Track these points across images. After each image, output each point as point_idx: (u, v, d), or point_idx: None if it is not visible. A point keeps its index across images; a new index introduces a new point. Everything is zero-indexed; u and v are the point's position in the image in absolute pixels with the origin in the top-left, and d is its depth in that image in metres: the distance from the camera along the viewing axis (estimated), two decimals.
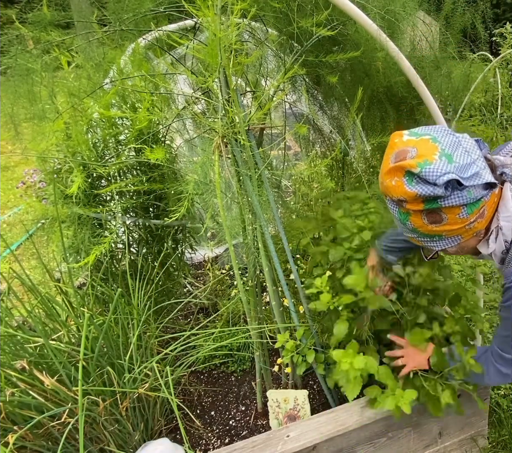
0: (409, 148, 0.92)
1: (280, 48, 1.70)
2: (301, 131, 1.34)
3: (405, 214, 0.96)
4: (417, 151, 0.90)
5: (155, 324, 1.63)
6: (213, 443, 1.60)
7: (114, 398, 1.35)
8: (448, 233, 0.96)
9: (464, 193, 0.89)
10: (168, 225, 1.83)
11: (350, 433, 1.35)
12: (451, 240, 0.98)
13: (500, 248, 1.01)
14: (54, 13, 1.44)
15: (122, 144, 1.65)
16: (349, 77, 1.81)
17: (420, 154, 0.89)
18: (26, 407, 1.29)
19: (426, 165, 0.87)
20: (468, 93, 2.77)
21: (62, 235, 1.45)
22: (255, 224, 1.41)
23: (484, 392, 1.53)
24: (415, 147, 0.91)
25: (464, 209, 0.91)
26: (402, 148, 0.92)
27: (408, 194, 0.90)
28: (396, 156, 0.93)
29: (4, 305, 1.44)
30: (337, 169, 2.21)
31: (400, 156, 0.92)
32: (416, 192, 0.89)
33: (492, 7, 7.52)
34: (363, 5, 1.44)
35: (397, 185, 0.91)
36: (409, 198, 0.91)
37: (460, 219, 0.93)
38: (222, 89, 1.27)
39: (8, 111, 1.50)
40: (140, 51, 1.50)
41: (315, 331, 1.53)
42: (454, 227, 0.94)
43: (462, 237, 0.98)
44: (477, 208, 0.93)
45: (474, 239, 1.02)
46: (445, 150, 0.89)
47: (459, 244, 1.00)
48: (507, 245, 0.99)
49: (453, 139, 0.92)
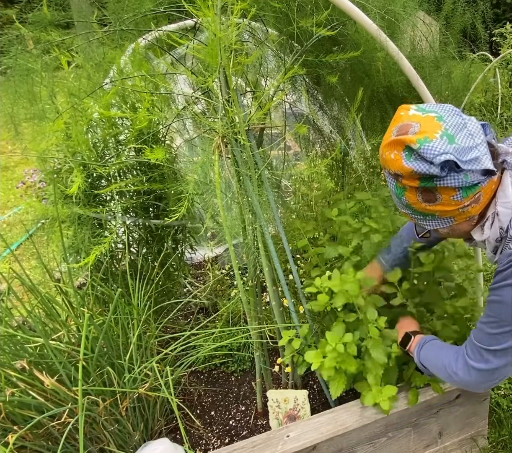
0: (413, 123, 0.90)
1: (280, 48, 1.70)
2: (301, 131, 1.34)
3: (401, 189, 0.96)
4: (420, 127, 0.89)
5: (155, 324, 1.63)
6: (213, 443, 1.60)
7: (114, 398, 1.35)
8: (441, 213, 0.96)
9: (461, 176, 0.88)
10: (168, 226, 1.83)
11: (350, 433, 1.34)
12: (443, 221, 0.98)
13: (495, 235, 0.99)
14: (54, 13, 1.44)
15: (122, 144, 1.65)
16: (349, 77, 1.81)
17: (422, 131, 0.88)
18: (26, 407, 1.29)
19: (425, 143, 0.86)
20: (468, 93, 2.77)
21: (62, 235, 1.45)
22: (255, 224, 1.41)
23: (484, 392, 1.54)
24: (419, 123, 0.90)
25: (459, 192, 0.91)
26: (406, 122, 0.91)
27: (405, 169, 0.89)
28: (398, 129, 0.92)
29: (4, 305, 1.43)
30: (337, 169, 2.21)
31: (402, 130, 0.90)
32: (413, 169, 0.88)
33: (492, 7, 7.53)
34: (363, 5, 1.44)
35: (396, 159, 0.91)
36: (405, 173, 0.90)
37: (454, 202, 0.92)
38: (222, 89, 1.27)
39: (8, 111, 1.50)
40: (140, 51, 1.50)
41: (315, 331, 1.53)
42: (447, 208, 0.94)
43: (455, 220, 0.98)
44: (472, 193, 0.92)
45: (467, 223, 1.01)
46: (448, 130, 0.88)
47: (451, 226, 1.00)
48: (502, 232, 0.97)
49: (459, 121, 0.91)
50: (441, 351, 1.18)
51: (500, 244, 1.00)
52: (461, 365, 1.07)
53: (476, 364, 1.02)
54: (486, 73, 3.94)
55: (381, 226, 1.47)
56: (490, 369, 1.01)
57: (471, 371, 1.04)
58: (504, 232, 0.97)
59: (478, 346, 1.02)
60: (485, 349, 1.00)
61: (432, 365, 1.20)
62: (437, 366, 1.17)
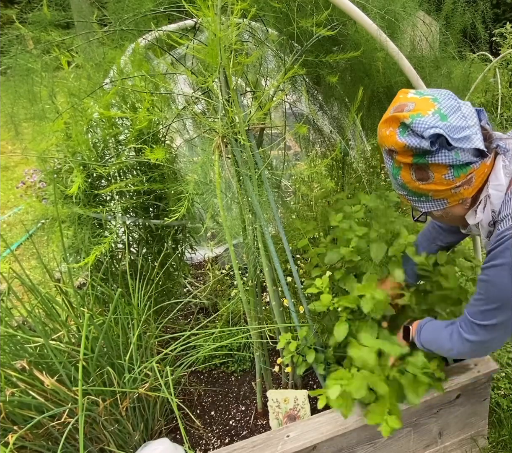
0: (409, 103, 0.95)
1: (280, 48, 1.70)
2: (301, 131, 1.34)
3: (397, 168, 0.99)
4: (414, 106, 0.94)
5: (155, 324, 1.63)
6: (213, 443, 1.60)
7: (114, 398, 1.35)
8: (434, 193, 0.98)
9: (452, 153, 0.91)
10: (168, 226, 1.83)
11: (350, 433, 1.34)
12: (437, 202, 1.01)
13: (487, 218, 1.01)
14: (54, 13, 1.44)
15: (122, 144, 1.65)
16: (349, 77, 1.81)
17: (416, 109, 0.93)
18: (26, 407, 1.29)
19: (417, 117, 0.90)
20: (468, 93, 2.77)
21: (62, 235, 1.45)
22: (255, 224, 1.41)
23: (484, 392, 1.54)
24: (414, 102, 0.95)
25: (451, 170, 0.94)
26: (403, 102, 0.96)
27: (398, 144, 0.93)
28: (395, 108, 0.97)
29: (4, 305, 1.43)
30: (337, 169, 2.21)
31: (399, 109, 0.95)
32: (405, 143, 0.92)
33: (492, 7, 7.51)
34: (363, 5, 1.44)
35: (390, 135, 0.95)
36: (399, 149, 0.94)
37: (446, 181, 0.95)
38: (222, 89, 1.27)
39: (8, 111, 1.50)
40: (140, 51, 1.50)
41: (315, 331, 1.53)
42: (439, 187, 0.96)
43: (448, 202, 1.01)
44: (464, 173, 0.94)
45: (460, 206, 1.03)
46: (442, 110, 0.92)
47: (445, 209, 1.03)
48: (494, 215, 0.99)
49: (454, 104, 0.94)
50: (436, 330, 1.24)
51: (493, 228, 1.01)
52: (455, 338, 1.14)
53: (469, 336, 1.09)
54: (486, 73, 3.94)
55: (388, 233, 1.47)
56: (482, 341, 1.08)
57: (465, 342, 1.11)
58: (496, 215, 0.99)
59: (471, 320, 1.07)
60: (477, 324, 1.06)
61: (433, 345, 1.26)
62: (438, 344, 1.23)
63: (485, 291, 1.01)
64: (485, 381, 1.51)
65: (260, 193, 1.37)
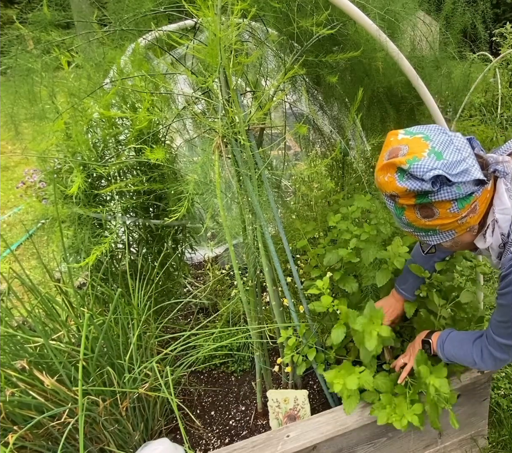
0: (402, 146, 0.96)
1: (280, 48, 1.70)
2: (301, 131, 1.34)
3: (400, 209, 1.00)
4: (408, 149, 0.94)
5: (155, 324, 1.63)
6: (213, 443, 1.60)
7: (114, 398, 1.35)
8: (441, 227, 0.99)
9: (453, 189, 0.92)
10: (168, 225, 1.83)
11: (350, 433, 1.34)
12: (445, 234, 1.02)
13: (497, 241, 1.02)
14: (54, 13, 1.44)
15: (122, 144, 1.65)
16: (349, 77, 1.81)
17: (411, 152, 0.93)
18: (26, 407, 1.29)
19: (414, 162, 0.91)
20: (468, 93, 2.77)
21: (62, 235, 1.45)
22: (255, 224, 1.41)
23: (484, 392, 1.54)
24: (407, 145, 0.95)
25: (455, 204, 0.94)
26: (396, 146, 0.97)
27: (399, 189, 0.94)
28: (389, 153, 0.97)
29: (4, 305, 1.43)
30: (337, 169, 2.21)
31: (393, 154, 0.96)
32: (406, 188, 0.92)
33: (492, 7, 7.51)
34: (363, 5, 1.44)
35: (389, 181, 0.95)
36: (400, 193, 0.95)
37: (451, 214, 0.96)
38: (222, 89, 1.27)
39: (8, 111, 1.50)
40: (140, 51, 1.50)
41: (315, 331, 1.53)
42: (446, 221, 0.97)
43: (456, 232, 1.01)
44: (468, 203, 0.95)
45: (468, 234, 1.04)
46: (435, 148, 0.93)
47: (454, 239, 1.04)
48: (504, 238, 1.01)
49: (445, 138, 0.95)
50: (463, 345, 1.25)
51: (504, 250, 1.03)
52: (486, 356, 1.17)
53: (500, 355, 1.14)
54: (486, 73, 3.93)
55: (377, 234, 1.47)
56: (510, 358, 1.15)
57: (495, 360, 1.16)
58: (505, 237, 1.01)
59: (498, 341, 1.12)
60: (504, 344, 1.11)
61: (460, 359, 1.28)
62: (465, 360, 1.25)
63: (507, 314, 1.06)
64: (485, 381, 1.51)
65: (260, 193, 1.37)
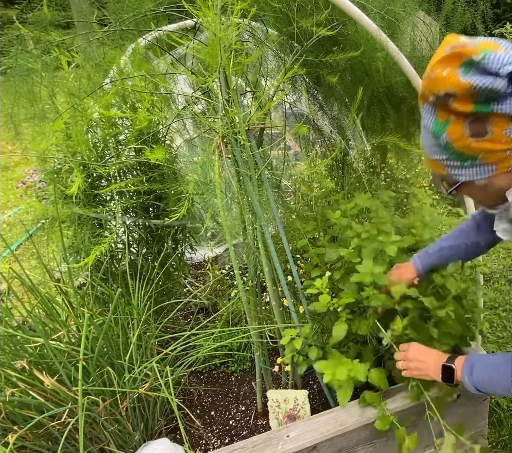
0: (467, 43, 0.80)
1: (280, 48, 1.70)
2: (301, 131, 1.34)
3: (442, 124, 0.84)
4: (477, 44, 0.79)
5: (155, 324, 1.63)
6: (213, 443, 1.60)
7: (114, 398, 1.35)
8: (485, 155, 0.84)
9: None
10: (168, 226, 1.83)
11: (350, 433, 1.34)
12: (483, 168, 0.87)
13: None
14: (54, 13, 1.44)
15: (122, 144, 1.65)
16: (349, 77, 1.82)
17: (481, 46, 0.78)
18: (26, 407, 1.28)
19: (491, 53, 0.76)
20: None
21: (62, 235, 1.45)
22: (255, 224, 1.41)
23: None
24: (474, 42, 0.80)
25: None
26: (459, 44, 0.81)
27: (462, 85, 0.77)
28: (452, 47, 0.80)
29: (4, 305, 1.43)
30: (337, 169, 2.21)
31: (458, 46, 0.79)
32: (472, 84, 0.76)
33: (492, 7, 7.51)
34: (363, 5, 1.44)
35: (449, 76, 0.79)
36: (461, 91, 0.78)
37: (505, 138, 0.81)
38: (222, 89, 1.27)
39: (8, 111, 1.50)
40: (140, 51, 1.50)
41: (315, 331, 1.53)
42: (494, 147, 0.83)
43: (496, 168, 0.86)
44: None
45: (505, 177, 0.88)
46: (510, 47, 0.78)
47: (489, 179, 0.89)
48: None
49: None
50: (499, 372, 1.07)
51: None
52: None
53: None
54: None
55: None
56: None
57: None
58: None
59: None
60: None
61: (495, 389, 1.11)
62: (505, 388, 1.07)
63: None
64: None
65: (260, 193, 1.37)
